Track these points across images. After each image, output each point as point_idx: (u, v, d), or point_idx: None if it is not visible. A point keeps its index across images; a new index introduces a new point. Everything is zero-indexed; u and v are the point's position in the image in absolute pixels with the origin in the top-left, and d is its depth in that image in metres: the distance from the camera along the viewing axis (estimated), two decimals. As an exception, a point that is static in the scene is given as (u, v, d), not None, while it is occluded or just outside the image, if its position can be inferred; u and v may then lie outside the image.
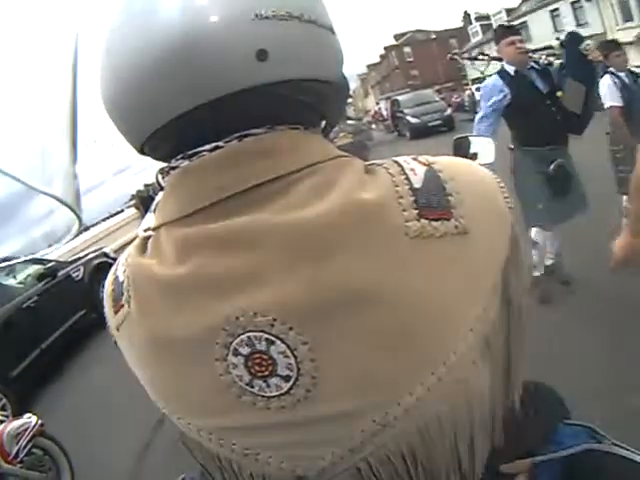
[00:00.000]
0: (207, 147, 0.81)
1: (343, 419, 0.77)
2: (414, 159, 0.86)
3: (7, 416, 6.55)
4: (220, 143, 0.80)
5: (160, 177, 0.91)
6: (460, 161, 0.90)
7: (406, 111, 34.35)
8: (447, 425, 0.80)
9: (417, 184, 0.80)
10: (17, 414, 5.39)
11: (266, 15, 0.76)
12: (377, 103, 75.17)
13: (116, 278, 0.92)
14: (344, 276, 0.73)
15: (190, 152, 0.82)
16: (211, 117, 0.79)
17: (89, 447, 5.48)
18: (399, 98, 39.89)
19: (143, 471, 4.84)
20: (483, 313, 0.81)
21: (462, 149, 2.35)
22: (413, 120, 32.73)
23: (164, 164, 0.91)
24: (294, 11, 0.79)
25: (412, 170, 0.82)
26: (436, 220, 0.77)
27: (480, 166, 0.92)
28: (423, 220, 0.76)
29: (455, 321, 0.78)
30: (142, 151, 0.91)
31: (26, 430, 4.48)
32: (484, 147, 2.32)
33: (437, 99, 37.23)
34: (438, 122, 31.32)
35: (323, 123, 0.98)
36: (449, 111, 33.73)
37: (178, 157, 0.84)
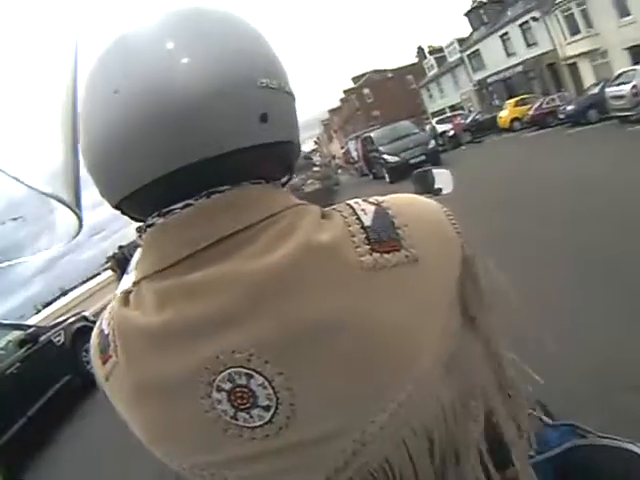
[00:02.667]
0: (179, 205, 0.87)
1: (324, 441, 0.82)
2: (364, 200, 0.93)
3: None
4: (190, 201, 0.86)
5: (137, 235, 0.97)
6: (406, 197, 0.98)
7: (382, 149, 29.55)
8: (423, 437, 0.86)
9: (367, 222, 0.87)
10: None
11: (264, 85, 0.87)
12: (342, 147, 74.91)
13: (101, 331, 0.96)
14: (308, 311, 0.79)
15: (164, 210, 0.88)
16: (190, 177, 0.85)
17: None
18: (372, 134, 34.20)
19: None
20: (443, 331, 0.87)
21: (426, 184, 2.47)
22: (391, 159, 28.18)
23: (138, 222, 0.98)
24: (279, 83, 0.91)
25: (363, 210, 0.90)
26: (387, 252, 0.84)
27: (424, 198, 1.00)
28: (375, 254, 0.84)
29: (416, 341, 0.84)
30: (117, 207, 0.95)
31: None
32: (445, 179, 2.46)
33: (416, 130, 32.32)
34: (421, 158, 26.90)
35: (285, 179, 1.05)
36: (432, 143, 29.51)
37: (154, 215, 0.90)
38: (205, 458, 0.87)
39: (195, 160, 0.83)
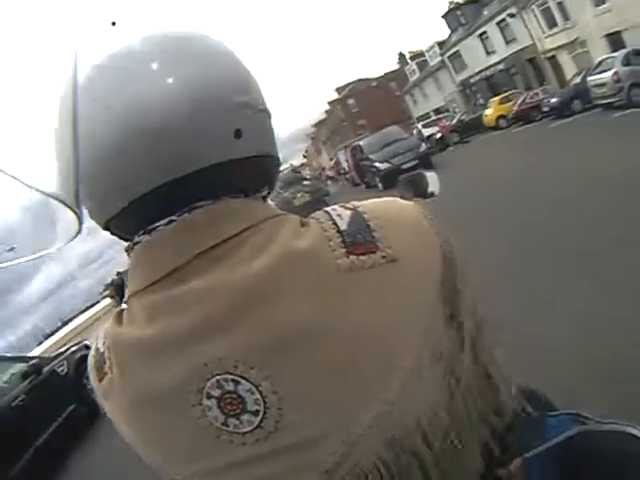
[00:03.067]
0: (163, 222, 0.89)
1: (313, 443, 0.83)
2: (341, 206, 0.96)
3: None
4: (174, 217, 0.89)
5: (127, 254, 0.98)
6: (382, 200, 1.00)
7: (372, 157, 28.71)
8: (413, 433, 0.86)
9: (343, 226, 0.89)
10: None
11: (238, 103, 0.91)
12: (331, 159, 74.60)
13: (97, 349, 0.97)
14: (289, 316, 0.81)
15: (150, 227, 0.90)
16: (173, 192, 0.87)
17: None
18: (361, 143, 33.24)
19: None
20: (425, 330, 0.88)
21: (414, 188, 2.47)
22: (382, 166, 27.19)
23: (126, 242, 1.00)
24: (253, 101, 0.95)
25: (339, 215, 0.92)
26: (363, 254, 0.86)
27: (401, 200, 1.01)
28: (352, 256, 0.85)
29: (398, 340, 0.85)
30: (106, 228, 0.98)
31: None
32: (435, 182, 2.46)
33: (406, 135, 31.33)
34: (414, 162, 25.79)
35: (265, 192, 1.07)
36: (423, 146, 28.61)
37: (140, 233, 0.92)
38: (200, 466, 0.89)
39: (175, 176, 0.86)
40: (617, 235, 6.87)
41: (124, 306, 0.96)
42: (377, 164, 27.69)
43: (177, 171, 0.86)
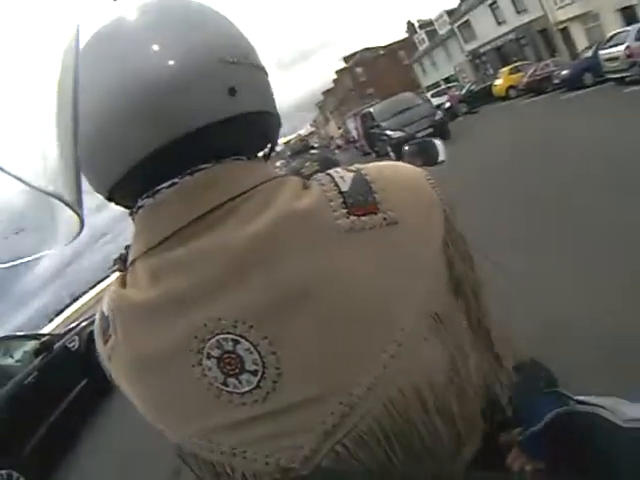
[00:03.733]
0: (165, 184, 0.91)
1: (311, 405, 0.84)
2: (344, 168, 0.97)
3: None
4: (176, 179, 0.90)
5: (131, 218, 0.99)
6: (386, 163, 1.01)
7: (383, 124, 26.44)
8: (412, 397, 0.87)
9: (345, 188, 0.90)
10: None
11: (231, 61, 0.91)
12: (339, 128, 74.23)
13: (102, 313, 0.99)
14: (289, 275, 0.83)
15: (152, 191, 0.92)
16: (174, 155, 0.88)
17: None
18: (371, 110, 30.40)
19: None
20: (427, 292, 0.90)
21: (428, 154, 2.45)
22: (394, 134, 24.72)
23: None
24: (246, 58, 0.95)
25: (341, 177, 0.93)
26: (364, 215, 0.87)
27: (404, 164, 1.03)
28: (352, 217, 0.87)
29: (398, 302, 0.86)
30: (110, 198, 1.00)
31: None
32: (434, 148, 2.45)
33: (420, 102, 28.53)
34: (428, 131, 23.36)
35: (267, 150, 1.10)
36: (439, 114, 25.98)
37: (143, 197, 0.93)
38: (200, 425, 0.90)
39: (173, 138, 0.87)
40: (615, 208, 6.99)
41: (128, 269, 0.99)
42: (389, 132, 25.58)
43: (173, 133, 0.87)
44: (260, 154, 1.07)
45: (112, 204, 1.03)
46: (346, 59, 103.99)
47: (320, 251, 0.85)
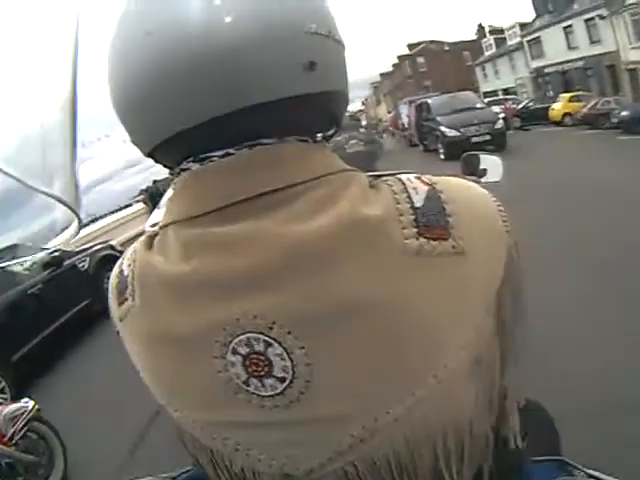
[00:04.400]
0: (218, 153, 0.83)
1: (333, 423, 0.81)
2: (417, 178, 0.89)
3: (6, 399, 6.73)
4: (231, 150, 0.82)
5: (171, 178, 0.94)
6: (462, 182, 0.93)
7: (439, 119, 25.12)
8: (436, 437, 0.83)
9: (418, 203, 0.83)
10: (16, 398, 5.45)
11: (313, 31, 0.81)
12: (389, 112, 74.17)
13: (121, 271, 0.95)
14: (342, 287, 0.76)
15: (202, 156, 0.84)
16: (229, 125, 0.81)
17: (84, 434, 5.51)
18: (429, 101, 29.26)
19: (136, 461, 4.87)
20: (475, 332, 0.84)
21: (471, 165, 2.37)
22: (450, 132, 23.62)
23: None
24: (328, 30, 0.85)
25: (414, 189, 0.85)
26: (434, 239, 0.80)
27: (480, 188, 0.95)
28: (422, 239, 0.79)
29: (447, 337, 0.81)
30: (149, 155, 0.93)
31: (23, 414, 4.54)
32: (493, 165, 2.35)
33: (481, 105, 27.52)
34: (485, 138, 22.56)
35: (331, 132, 1.00)
36: (501, 123, 24.31)
37: (189, 160, 0.86)
38: (209, 416, 0.87)
39: (237, 108, 0.79)
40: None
41: (157, 231, 0.93)
42: (443, 128, 24.34)
43: (239, 102, 0.78)
44: (319, 136, 0.96)
45: None
46: (410, 46, 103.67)
47: (382, 269, 0.78)
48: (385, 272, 0.78)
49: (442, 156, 23.97)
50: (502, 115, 35.62)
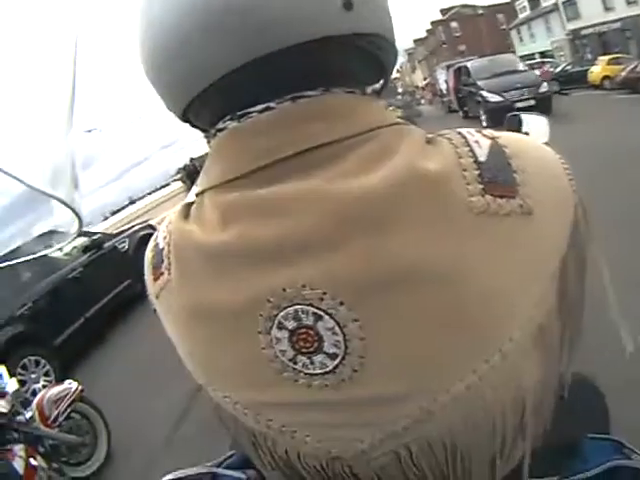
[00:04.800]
0: (257, 108, 0.76)
1: (389, 403, 0.73)
2: (478, 131, 0.81)
3: (50, 381, 6.89)
4: (272, 104, 0.76)
5: (206, 141, 0.88)
6: (525, 138, 0.86)
7: (480, 84, 23.26)
8: (494, 416, 0.75)
9: (482, 157, 0.75)
10: (60, 381, 5.53)
11: None
12: (425, 78, 73.13)
13: (156, 245, 0.90)
14: (402, 250, 0.68)
15: (239, 113, 0.78)
16: (267, 73, 0.75)
17: (127, 413, 5.65)
18: (468, 65, 27.49)
19: (178, 439, 4.98)
20: (540, 300, 0.76)
21: (513, 126, 2.25)
22: (492, 97, 21.86)
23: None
24: None
25: (476, 142, 0.77)
26: (501, 197, 0.72)
27: (543, 144, 0.86)
28: (488, 196, 0.72)
29: (513, 306, 0.73)
30: (183, 117, 0.87)
31: (66, 395, 4.66)
32: (538, 126, 2.24)
33: (523, 67, 25.72)
34: (530, 102, 20.71)
35: (379, 85, 0.95)
36: (545, 86, 22.49)
37: (225, 119, 0.80)
38: (252, 396, 0.81)
39: (272, 50, 0.72)
40: None
41: (190, 198, 0.88)
42: (485, 93, 22.36)
43: (276, 43, 0.72)
44: (369, 90, 0.91)
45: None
46: (443, 11, 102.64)
47: (445, 230, 0.70)
48: (449, 233, 0.70)
49: (484, 123, 21.55)
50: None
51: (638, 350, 1.00)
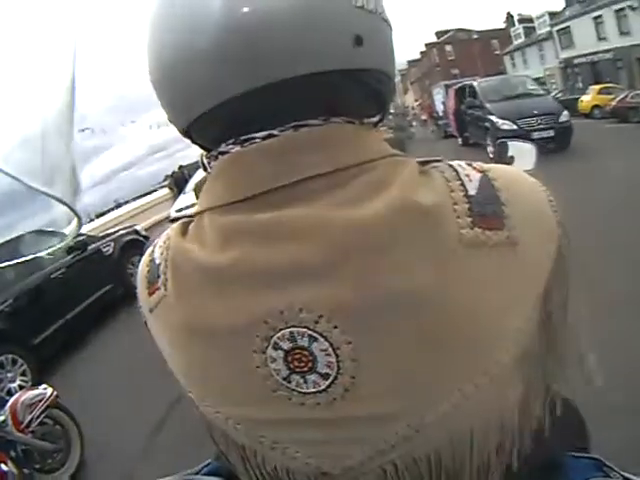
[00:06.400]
0: (260, 134, 0.79)
1: (378, 421, 0.77)
2: (468, 165, 0.85)
3: (27, 381, 6.84)
4: (274, 132, 0.79)
5: (206, 161, 0.90)
6: (512, 169, 0.90)
7: (489, 107, 19.40)
8: (478, 434, 0.80)
9: (472, 191, 0.79)
10: (36, 381, 5.53)
11: (360, 5, 0.78)
12: (416, 100, 73.78)
13: (152, 260, 0.92)
14: (394, 277, 0.73)
15: (243, 138, 0.81)
16: (272, 100, 0.77)
17: (102, 420, 5.61)
18: (474, 84, 22.92)
19: (154, 449, 4.95)
20: (525, 325, 0.80)
21: (503, 153, 2.28)
22: (504, 125, 17.82)
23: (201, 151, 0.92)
24: (376, 7, 0.82)
25: (467, 176, 0.81)
26: (489, 229, 0.77)
27: (529, 176, 0.90)
28: (477, 229, 0.76)
29: (499, 330, 0.78)
30: (186, 133, 0.90)
31: (40, 401, 4.67)
32: (524, 153, 2.24)
33: (541, 91, 21.98)
34: (549, 133, 17.19)
35: (377, 118, 0.97)
36: (566, 115, 18.14)
37: (228, 142, 0.83)
38: (245, 413, 0.84)
39: (281, 78, 0.74)
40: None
41: (192, 218, 0.90)
42: (495, 119, 18.41)
43: (281, 72, 0.74)
44: (367, 121, 0.92)
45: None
46: (438, 34, 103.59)
47: (437, 260, 0.74)
48: (439, 262, 0.74)
49: (491, 155, 16.15)
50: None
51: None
